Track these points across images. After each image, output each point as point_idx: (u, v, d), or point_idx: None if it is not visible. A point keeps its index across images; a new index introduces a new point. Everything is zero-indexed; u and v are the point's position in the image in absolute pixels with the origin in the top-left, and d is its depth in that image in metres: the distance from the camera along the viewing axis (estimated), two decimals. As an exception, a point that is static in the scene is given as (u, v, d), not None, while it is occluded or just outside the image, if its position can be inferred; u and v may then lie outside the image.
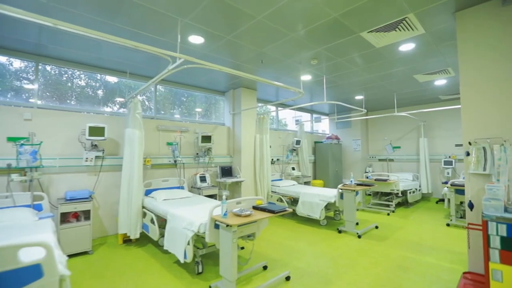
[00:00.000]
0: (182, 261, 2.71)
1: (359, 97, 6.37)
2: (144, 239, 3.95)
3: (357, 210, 5.90)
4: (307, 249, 3.60)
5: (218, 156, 5.49)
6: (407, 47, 3.51)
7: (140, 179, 3.79)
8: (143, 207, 3.82)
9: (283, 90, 5.91)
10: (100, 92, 4.35)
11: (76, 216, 3.46)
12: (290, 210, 2.73)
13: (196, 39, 3.23)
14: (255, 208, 2.79)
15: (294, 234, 4.25)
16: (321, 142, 7.68)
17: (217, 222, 2.44)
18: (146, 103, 4.83)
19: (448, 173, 6.76)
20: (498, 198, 2.07)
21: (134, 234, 3.66)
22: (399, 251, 3.50)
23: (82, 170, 3.82)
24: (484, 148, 2.41)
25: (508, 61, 2.35)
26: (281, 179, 6.33)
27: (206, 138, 4.97)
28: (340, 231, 4.30)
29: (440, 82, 5.15)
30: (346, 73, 4.56)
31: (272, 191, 5.64)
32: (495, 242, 1.97)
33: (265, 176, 5.53)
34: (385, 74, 4.64)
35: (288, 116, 7.65)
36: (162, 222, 3.48)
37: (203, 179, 4.86)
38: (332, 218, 5.17)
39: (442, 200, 6.84)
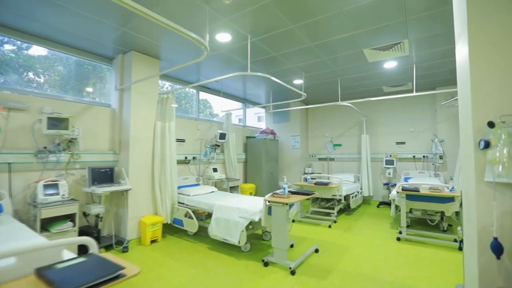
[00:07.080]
0: None
1: (298, 81, 5.17)
2: None
3: (293, 221, 4.67)
4: (205, 312, 2.07)
5: (93, 152, 3.57)
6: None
7: None
8: None
9: (204, 68, 4.34)
10: None
11: None
12: (117, 275, 1.14)
13: None
14: (40, 275, 1.12)
15: (197, 273, 2.69)
16: (254, 137, 6.31)
17: None
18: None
19: (389, 174, 6.12)
20: None
21: None
22: (349, 299, 2.26)
23: None
24: (523, 133, 1.22)
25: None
26: (197, 185, 4.71)
27: (59, 122, 3.02)
28: (266, 264, 2.90)
29: (390, 64, 4.25)
30: (278, 34, 3.20)
31: (179, 203, 3.98)
32: None
33: (167, 182, 3.82)
34: (328, 42, 3.43)
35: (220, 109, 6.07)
36: None
37: (52, 189, 2.92)
38: (260, 238, 3.78)
39: (384, 203, 6.17)
